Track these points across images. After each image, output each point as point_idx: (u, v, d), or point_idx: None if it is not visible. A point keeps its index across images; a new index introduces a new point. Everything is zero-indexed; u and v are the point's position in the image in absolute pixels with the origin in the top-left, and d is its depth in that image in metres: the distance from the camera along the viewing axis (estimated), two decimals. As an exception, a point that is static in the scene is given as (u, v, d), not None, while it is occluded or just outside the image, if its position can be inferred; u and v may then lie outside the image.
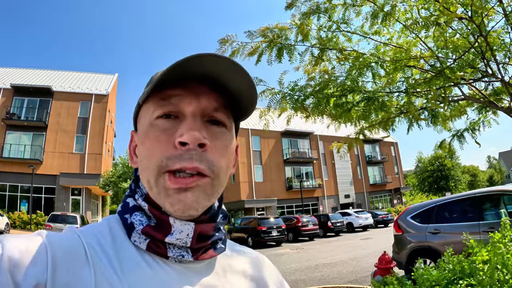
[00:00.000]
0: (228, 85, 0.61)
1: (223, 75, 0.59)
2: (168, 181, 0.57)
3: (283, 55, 4.91)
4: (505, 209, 5.73)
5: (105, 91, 30.84)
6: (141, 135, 0.63)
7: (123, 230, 0.61)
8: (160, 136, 0.59)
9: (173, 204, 0.57)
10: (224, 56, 0.56)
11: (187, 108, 0.59)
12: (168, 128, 0.59)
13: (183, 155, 0.56)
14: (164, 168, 0.57)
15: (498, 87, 5.70)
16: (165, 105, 0.60)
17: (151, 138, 0.59)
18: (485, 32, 4.59)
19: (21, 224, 23.67)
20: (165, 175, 0.57)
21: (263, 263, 0.75)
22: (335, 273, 9.55)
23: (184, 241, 0.59)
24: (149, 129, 0.60)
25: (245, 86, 0.61)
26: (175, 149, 0.57)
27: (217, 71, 0.58)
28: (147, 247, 0.58)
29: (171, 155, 0.57)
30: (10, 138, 27.04)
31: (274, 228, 19.72)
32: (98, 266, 0.52)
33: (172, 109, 0.60)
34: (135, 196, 0.64)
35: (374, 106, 5.23)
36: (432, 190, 50.00)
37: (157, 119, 0.60)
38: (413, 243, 6.68)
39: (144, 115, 0.63)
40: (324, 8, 4.74)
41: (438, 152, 38.59)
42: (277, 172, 38.30)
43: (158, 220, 0.60)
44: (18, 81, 29.50)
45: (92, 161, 28.69)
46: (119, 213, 0.65)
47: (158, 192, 0.58)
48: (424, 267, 3.45)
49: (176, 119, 0.60)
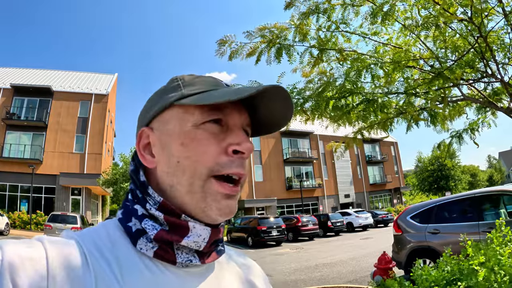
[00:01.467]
0: (271, 117, 0.68)
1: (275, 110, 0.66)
2: (218, 186, 0.59)
3: (282, 55, 4.89)
4: (505, 209, 5.73)
5: (105, 91, 30.83)
6: (176, 135, 0.61)
7: (124, 236, 0.61)
8: (210, 140, 0.60)
9: (221, 209, 0.60)
10: (284, 91, 0.61)
11: (235, 120, 0.63)
12: (217, 133, 0.61)
13: (234, 162, 0.60)
14: (214, 172, 0.59)
15: (498, 88, 5.69)
16: (216, 113, 0.61)
17: (199, 140, 0.60)
18: (484, 32, 4.58)
19: (21, 224, 23.65)
20: (211, 180, 0.59)
21: (253, 267, 0.77)
22: (335, 273, 9.56)
23: (199, 245, 0.61)
24: (195, 131, 0.60)
25: (279, 118, 0.68)
26: (226, 155, 0.60)
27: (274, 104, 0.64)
28: (154, 254, 0.58)
29: (223, 161, 0.60)
30: (10, 138, 27.01)
31: (274, 228, 19.72)
32: (99, 272, 0.52)
33: (222, 118, 0.62)
34: (145, 205, 0.62)
35: (374, 108, 5.22)
36: (432, 190, 49.98)
37: (205, 124, 0.61)
38: (413, 243, 6.68)
39: (181, 117, 0.62)
40: (323, 8, 4.73)
41: (437, 152, 38.63)
42: (277, 171, 38.29)
43: (173, 225, 0.60)
44: (18, 81, 29.47)
45: (92, 161, 28.66)
46: (120, 220, 0.63)
47: (204, 197, 0.59)
48: (423, 267, 3.45)
49: (222, 127, 0.62)
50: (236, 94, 0.57)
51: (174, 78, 0.67)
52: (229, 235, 22.82)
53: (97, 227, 0.63)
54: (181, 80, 0.66)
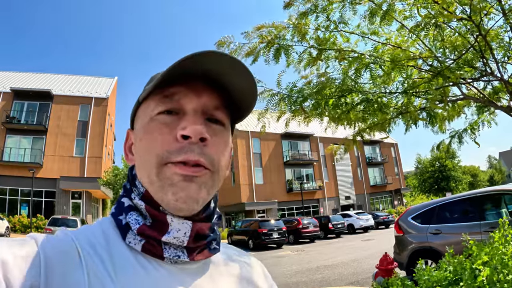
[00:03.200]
0: (229, 84, 0.61)
1: (224, 73, 0.59)
2: (174, 167, 0.57)
3: (280, 55, 4.89)
4: (506, 209, 5.71)
5: (104, 95, 30.90)
6: (139, 131, 0.63)
7: (117, 232, 0.60)
8: (161, 130, 0.59)
9: (176, 192, 0.56)
10: (225, 54, 0.56)
11: (189, 105, 0.60)
12: (169, 122, 0.59)
13: (184, 148, 0.57)
14: (165, 160, 0.57)
15: (497, 86, 5.68)
16: (167, 102, 0.60)
17: (151, 132, 0.59)
18: (484, 31, 4.57)
19: (21, 228, 23.63)
20: (167, 165, 0.57)
21: (253, 265, 0.75)
22: (336, 275, 9.54)
23: (181, 240, 0.59)
24: (149, 123, 0.60)
25: (245, 84, 0.61)
26: (177, 142, 0.57)
27: (218, 68, 0.58)
28: (142, 248, 0.58)
29: (173, 148, 0.57)
30: (10, 141, 27.05)
31: (274, 231, 19.71)
32: (92, 268, 0.52)
33: (174, 106, 0.60)
34: (131, 195, 0.63)
35: (373, 108, 5.21)
36: (433, 191, 49.93)
37: (158, 115, 0.60)
38: (414, 244, 6.66)
39: (143, 112, 0.63)
40: (322, 6, 4.72)
41: (436, 153, 38.55)
42: (277, 174, 38.29)
43: (155, 219, 0.59)
44: (18, 84, 29.58)
45: (92, 164, 28.70)
46: (113, 215, 0.64)
47: (161, 184, 0.57)
48: (425, 268, 3.43)
49: (177, 115, 0.60)
50: (170, 66, 0.55)
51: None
52: (230, 238, 22.80)
53: (93, 225, 0.63)
54: (151, 78, 0.66)
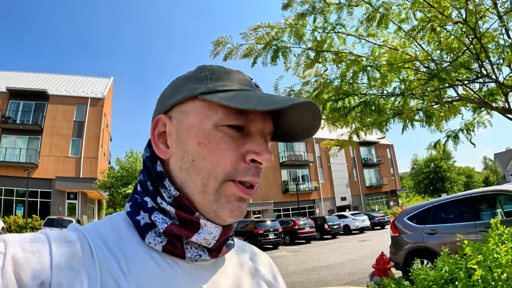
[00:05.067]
0: (295, 127, 0.66)
1: (300, 122, 0.64)
2: (235, 187, 0.58)
3: (278, 57, 4.90)
4: (501, 209, 5.77)
5: (101, 95, 30.78)
6: (195, 132, 0.59)
7: (131, 230, 0.60)
8: (229, 144, 0.58)
9: (232, 210, 0.59)
10: (317, 109, 0.59)
11: (256, 126, 0.61)
12: (237, 139, 0.59)
13: (251, 170, 0.59)
14: (231, 177, 0.58)
15: (493, 88, 5.74)
16: (240, 118, 0.59)
17: (218, 143, 0.58)
18: (479, 34, 4.63)
19: (17, 228, 23.47)
20: (227, 183, 0.58)
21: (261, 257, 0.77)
22: (333, 275, 9.56)
23: (209, 242, 0.60)
24: (215, 132, 0.58)
25: (304, 134, 0.67)
26: (245, 163, 0.59)
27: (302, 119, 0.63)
28: (163, 248, 0.58)
29: (241, 168, 0.58)
30: (6, 141, 26.88)
31: (271, 231, 19.73)
32: (104, 264, 0.52)
33: (245, 124, 0.60)
34: (157, 198, 0.60)
35: (371, 110, 5.25)
36: (428, 192, 50.16)
37: (227, 127, 0.58)
38: (410, 244, 6.70)
39: (204, 113, 0.59)
40: (319, 8, 4.74)
41: (432, 154, 38.75)
42: (273, 175, 38.30)
43: (184, 221, 0.59)
44: (14, 84, 29.42)
45: (88, 165, 28.57)
46: (129, 214, 0.62)
47: (217, 198, 0.58)
48: (421, 267, 3.46)
49: (242, 133, 0.60)
50: (270, 104, 0.54)
51: (202, 67, 0.64)
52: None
53: (103, 220, 0.62)
54: (209, 71, 0.62)
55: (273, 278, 0.75)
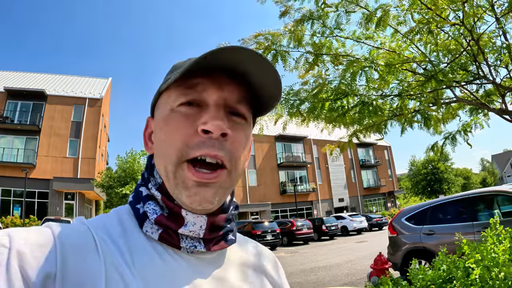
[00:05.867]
0: (251, 77, 0.60)
1: (246, 66, 0.58)
2: (188, 172, 0.57)
3: (278, 61, 4.94)
4: (498, 210, 5.79)
5: (98, 95, 30.71)
6: (159, 121, 0.62)
7: (134, 221, 0.61)
8: (182, 122, 0.58)
9: (190, 196, 0.57)
10: (248, 48, 0.55)
11: (211, 97, 0.59)
12: (190, 115, 0.59)
13: (205, 143, 0.56)
14: (185, 156, 0.57)
15: (490, 89, 5.78)
16: (189, 93, 0.59)
17: (172, 124, 0.59)
18: (476, 35, 4.66)
19: (14, 229, 23.40)
20: (184, 166, 0.57)
21: (265, 254, 0.77)
22: (331, 276, 9.58)
23: (197, 233, 0.60)
24: (170, 114, 0.60)
25: (268, 80, 0.60)
26: (197, 136, 0.57)
27: (241, 62, 0.57)
28: (159, 237, 0.58)
29: (193, 142, 0.57)
30: (3, 141, 26.76)
31: (268, 232, 19.72)
32: (108, 257, 0.52)
33: (196, 97, 0.59)
34: (148, 185, 0.64)
35: (368, 110, 5.28)
36: (426, 193, 50.23)
37: (180, 106, 0.59)
38: (408, 245, 6.73)
39: (165, 102, 0.62)
40: (317, 15, 4.79)
41: (430, 156, 38.83)
42: (271, 176, 38.30)
43: (171, 211, 0.60)
44: (12, 84, 29.29)
45: (86, 165, 28.48)
46: (131, 204, 0.64)
47: (176, 183, 0.58)
48: (419, 267, 3.48)
49: (198, 107, 0.59)
50: (193, 62, 0.54)
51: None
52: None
53: (109, 213, 0.63)
54: (171, 68, 0.67)
55: (276, 274, 0.75)
